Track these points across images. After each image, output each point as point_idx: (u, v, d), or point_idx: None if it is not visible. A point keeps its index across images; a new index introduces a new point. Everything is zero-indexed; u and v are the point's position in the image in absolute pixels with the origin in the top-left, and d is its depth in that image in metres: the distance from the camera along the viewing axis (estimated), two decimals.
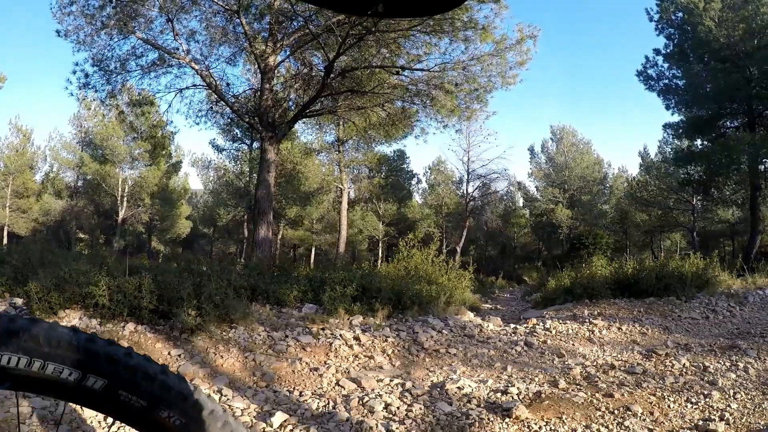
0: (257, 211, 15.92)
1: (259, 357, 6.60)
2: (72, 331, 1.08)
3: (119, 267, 8.91)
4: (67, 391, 1.06)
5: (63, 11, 15.77)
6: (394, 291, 10.30)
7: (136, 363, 1.11)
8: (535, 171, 48.14)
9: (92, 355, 1.06)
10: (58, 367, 1.02)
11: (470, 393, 5.48)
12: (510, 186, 47.50)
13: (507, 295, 22.34)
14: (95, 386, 1.06)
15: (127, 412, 1.11)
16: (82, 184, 45.50)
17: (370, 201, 43.35)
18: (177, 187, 47.59)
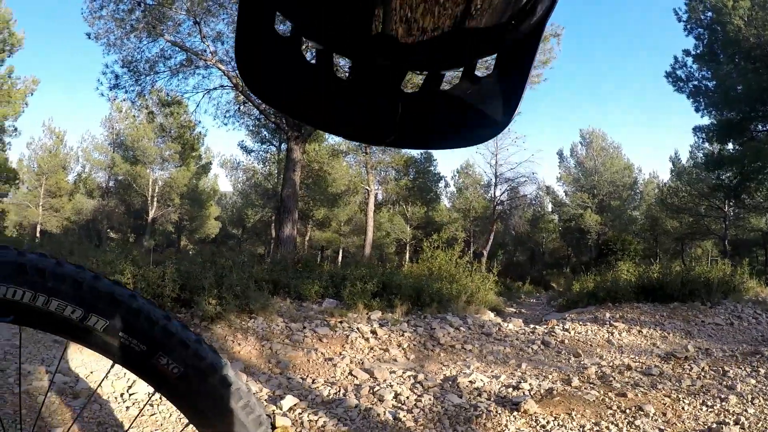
0: (282, 209, 16.06)
1: (275, 346, 6.69)
2: (78, 269, 1.09)
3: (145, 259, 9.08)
4: (69, 328, 1.07)
5: (93, 15, 16.07)
6: (414, 288, 10.35)
7: (140, 306, 1.11)
8: (564, 175, 47.52)
9: (96, 295, 1.07)
10: (61, 303, 1.03)
11: (481, 387, 5.50)
12: (538, 190, 47.08)
13: (533, 300, 22.18)
14: (97, 326, 1.07)
15: (126, 355, 1.12)
16: (114, 184, 46.17)
17: (398, 203, 43.30)
18: (206, 188, 48.02)
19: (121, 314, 1.08)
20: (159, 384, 1.15)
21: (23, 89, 30.42)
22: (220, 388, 1.16)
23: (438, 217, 44.54)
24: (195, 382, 1.14)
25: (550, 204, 51.20)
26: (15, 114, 30.62)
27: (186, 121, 24.33)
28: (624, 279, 13.71)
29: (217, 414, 1.16)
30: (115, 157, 42.91)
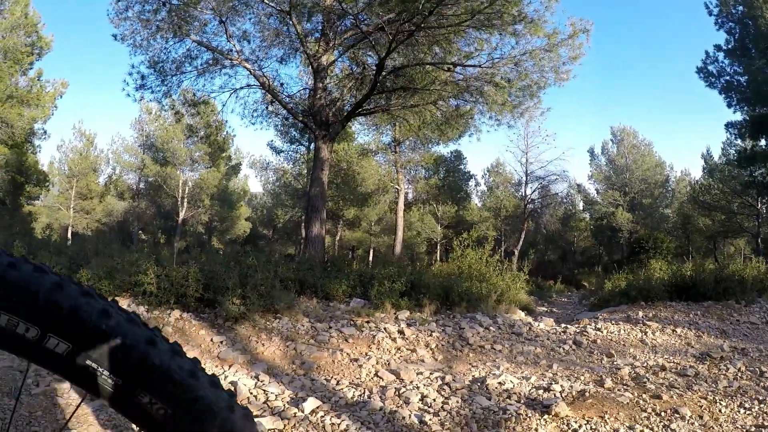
0: (311, 208, 16.04)
1: (300, 346, 6.62)
2: (37, 271, 0.85)
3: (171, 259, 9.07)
4: (27, 349, 0.84)
5: (119, 16, 16.16)
6: (442, 287, 10.24)
7: (112, 326, 0.87)
8: (595, 173, 47.03)
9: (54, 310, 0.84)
10: (12, 319, 0.82)
11: (511, 389, 5.37)
12: (569, 188, 46.66)
13: (564, 299, 21.98)
14: (57, 350, 0.84)
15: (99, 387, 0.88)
16: (144, 185, 46.62)
17: (428, 202, 43.18)
18: (236, 188, 48.35)
19: (87, 336, 0.85)
20: (143, 425, 0.93)
21: (52, 92, 30.76)
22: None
23: (469, 216, 44.33)
24: (187, 427, 0.92)
25: (581, 202, 50.81)
26: (45, 117, 30.97)
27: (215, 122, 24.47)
28: (657, 277, 13.50)
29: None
30: (146, 159, 43.36)
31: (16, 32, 28.18)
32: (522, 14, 13.22)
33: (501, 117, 17.47)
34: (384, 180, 36.10)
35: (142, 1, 15.68)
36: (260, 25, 17.04)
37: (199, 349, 6.31)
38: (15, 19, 27.81)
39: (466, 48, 15.58)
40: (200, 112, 19.61)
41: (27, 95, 29.02)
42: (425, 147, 34.97)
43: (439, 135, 22.00)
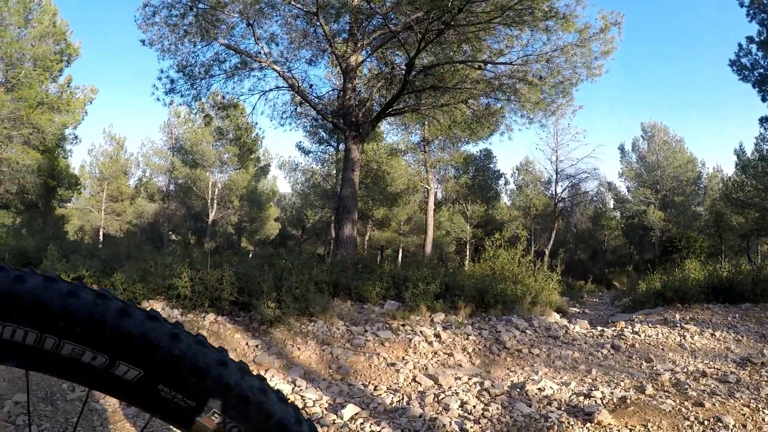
0: (342, 209, 16.04)
1: (336, 350, 6.58)
2: (100, 298, 0.81)
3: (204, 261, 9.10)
4: (93, 377, 0.81)
5: (147, 22, 16.29)
6: (477, 289, 10.18)
7: (184, 351, 0.84)
8: (625, 171, 46.28)
9: (124, 338, 0.80)
10: (77, 348, 0.78)
11: (551, 395, 5.29)
12: (600, 186, 46.24)
13: (596, 299, 21.77)
14: (127, 376, 0.81)
15: (169, 411, 0.86)
16: (174, 187, 47.05)
17: (457, 202, 43.04)
18: (265, 189, 48.62)
19: (158, 362, 0.82)
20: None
21: (82, 98, 31.27)
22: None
23: (498, 215, 44.09)
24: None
25: (612, 200, 50.34)
26: (75, 122, 31.48)
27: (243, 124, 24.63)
28: (693, 278, 13.31)
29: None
30: (175, 161, 43.80)
31: (45, 40, 28.69)
32: (553, 10, 13.10)
33: (533, 115, 17.34)
34: (413, 180, 36.04)
35: (168, 6, 15.79)
36: (288, 26, 17.08)
37: (235, 353, 6.29)
38: (43, 27, 28.35)
39: (496, 45, 15.51)
40: (229, 114, 19.72)
41: (57, 101, 29.54)
42: (455, 146, 34.90)
43: (469, 134, 21.89)
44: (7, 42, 26.97)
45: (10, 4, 27.38)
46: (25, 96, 27.39)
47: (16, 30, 27.80)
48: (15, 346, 0.76)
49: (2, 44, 26.88)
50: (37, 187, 31.82)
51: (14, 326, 0.75)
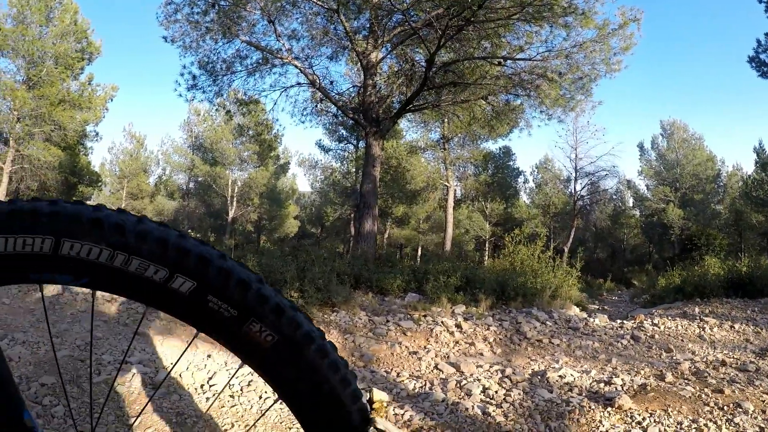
0: (363, 204, 16.13)
1: (359, 339, 6.69)
2: (162, 226, 0.97)
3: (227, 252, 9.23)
4: (151, 291, 0.95)
5: (169, 19, 16.47)
6: (498, 282, 10.25)
7: (231, 267, 0.98)
8: (645, 168, 45.89)
9: (183, 253, 0.95)
10: (143, 263, 0.92)
11: (572, 382, 5.35)
12: (619, 184, 46.04)
13: (615, 297, 21.76)
14: (182, 288, 0.94)
15: (214, 321, 0.99)
16: (194, 185, 47.40)
17: (477, 200, 43.00)
18: (285, 187, 48.77)
19: (210, 275, 0.96)
20: (248, 354, 1.03)
21: (103, 96, 31.60)
22: (316, 360, 1.04)
23: (517, 213, 43.92)
24: (289, 353, 1.03)
25: (631, 199, 50.03)
26: (96, 120, 31.83)
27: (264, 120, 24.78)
28: (712, 273, 13.31)
29: (312, 387, 1.05)
30: (195, 159, 44.08)
31: (67, 39, 29.05)
32: (572, 6, 13.12)
33: (552, 111, 17.36)
34: (433, 177, 36.03)
35: (190, 4, 15.94)
36: (308, 23, 17.21)
37: None
38: (65, 26, 28.72)
39: (515, 42, 15.54)
40: (250, 111, 19.86)
41: (78, 99, 29.88)
42: (474, 143, 34.92)
43: (488, 130, 21.92)
44: (29, 40, 27.33)
45: (32, 2, 27.72)
46: (46, 94, 27.73)
47: (38, 28, 28.19)
48: (88, 264, 0.90)
49: (24, 42, 27.24)
50: (58, 184, 32.18)
51: (91, 245, 0.89)
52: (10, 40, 26.91)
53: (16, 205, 0.90)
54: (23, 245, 0.88)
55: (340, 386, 1.06)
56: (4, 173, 28.46)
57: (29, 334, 5.46)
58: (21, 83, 28.09)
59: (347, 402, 1.06)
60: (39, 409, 3.73)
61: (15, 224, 0.88)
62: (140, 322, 1.23)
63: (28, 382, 4.14)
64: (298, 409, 1.09)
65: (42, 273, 0.91)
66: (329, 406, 1.07)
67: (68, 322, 6.21)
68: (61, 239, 0.89)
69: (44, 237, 0.88)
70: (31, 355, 4.79)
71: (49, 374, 4.30)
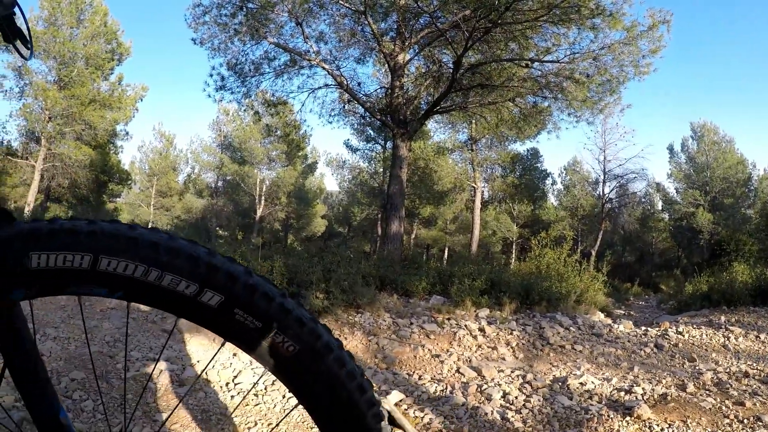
0: (389, 205, 16.19)
1: (382, 341, 6.75)
2: (192, 243, 1.05)
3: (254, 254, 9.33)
4: (181, 304, 1.03)
5: (197, 21, 16.68)
6: (522, 286, 10.25)
7: (256, 282, 1.06)
8: (674, 171, 45.20)
9: (212, 269, 1.02)
10: (175, 278, 1.00)
11: (592, 389, 5.36)
12: (648, 187, 45.52)
13: (641, 302, 21.56)
14: (211, 302, 1.02)
15: (240, 332, 1.07)
16: (222, 184, 47.84)
17: (504, 201, 42.84)
18: (313, 186, 49.03)
19: (237, 290, 1.04)
20: (271, 362, 1.11)
21: (133, 96, 32.11)
22: (335, 368, 1.12)
23: (545, 215, 43.67)
24: (309, 362, 1.11)
25: (660, 202, 49.38)
26: (126, 119, 32.38)
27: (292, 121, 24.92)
28: (740, 281, 13.17)
29: (330, 394, 1.13)
30: (224, 158, 44.53)
31: (97, 40, 29.66)
32: (600, 7, 13.06)
33: (580, 113, 17.28)
34: (460, 178, 35.99)
35: (218, 6, 16.12)
36: (336, 25, 17.31)
37: None
38: (95, 27, 29.35)
39: (543, 43, 15.51)
40: (278, 112, 19.99)
41: (109, 99, 30.45)
42: (502, 145, 34.86)
43: (516, 132, 21.89)
44: (60, 42, 27.87)
45: (63, 4, 28.24)
46: (77, 94, 28.28)
47: (69, 30, 28.78)
48: (124, 279, 0.99)
49: (55, 44, 27.79)
50: (89, 182, 32.72)
51: (127, 261, 0.98)
52: (41, 41, 27.49)
53: (57, 224, 0.98)
54: (63, 261, 0.96)
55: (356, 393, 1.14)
56: (36, 171, 29.01)
57: (60, 329, 5.60)
58: (52, 83, 28.67)
59: (363, 408, 1.14)
60: (69, 403, 3.85)
61: (55, 242, 0.96)
62: (174, 328, 1.32)
63: (59, 376, 4.26)
64: (316, 415, 1.17)
65: (80, 286, 1.00)
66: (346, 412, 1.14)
67: (98, 319, 6.36)
68: (99, 256, 0.97)
69: (83, 254, 0.96)
70: (61, 350, 4.93)
71: (78, 369, 4.42)
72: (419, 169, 33.15)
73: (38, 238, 0.97)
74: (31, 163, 29.87)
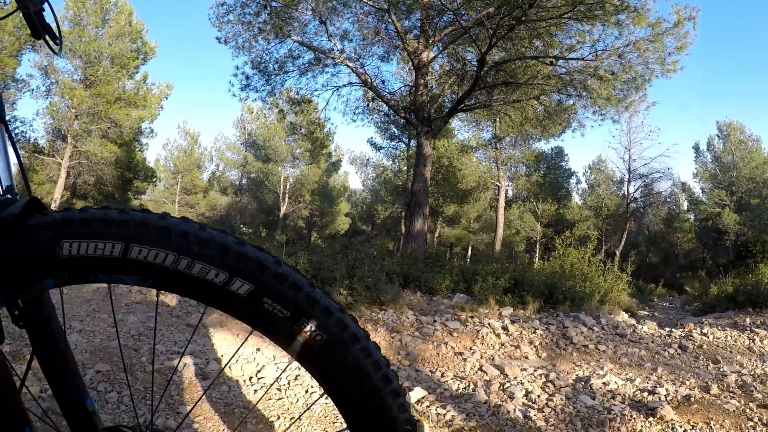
0: (413, 203, 16.23)
1: (405, 338, 6.77)
2: (222, 233, 1.08)
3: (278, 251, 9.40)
4: (211, 293, 1.05)
5: (221, 20, 16.85)
6: (546, 285, 10.23)
7: (285, 271, 1.08)
8: (700, 171, 44.47)
9: (242, 259, 1.05)
10: (205, 267, 1.02)
11: (615, 389, 5.34)
12: (673, 187, 45.08)
13: (666, 303, 21.35)
14: (240, 291, 1.04)
15: (268, 321, 1.09)
16: (246, 181, 48.25)
17: (528, 200, 42.63)
18: (336, 184, 49.16)
19: (266, 279, 1.06)
20: (299, 352, 1.13)
21: (158, 94, 32.60)
22: (361, 358, 1.13)
23: (569, 214, 43.36)
24: (336, 351, 1.12)
25: (685, 202, 48.82)
26: (151, 117, 32.86)
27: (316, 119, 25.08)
28: (766, 283, 13.03)
29: (356, 384, 1.14)
30: (248, 156, 44.88)
31: (122, 39, 30.17)
32: (624, 3, 12.96)
33: (605, 111, 17.18)
34: (484, 177, 35.89)
35: (242, 5, 16.22)
36: (360, 23, 17.35)
37: None
38: (120, 27, 29.91)
39: (567, 41, 15.47)
40: (303, 110, 20.08)
41: (134, 97, 30.93)
42: (526, 143, 34.73)
43: (541, 131, 21.85)
44: (85, 41, 28.35)
45: (88, 5, 28.66)
46: (103, 92, 28.74)
47: (94, 30, 29.27)
48: (154, 267, 1.01)
49: (81, 43, 28.27)
50: (115, 179, 33.20)
51: (158, 250, 1.00)
52: (67, 41, 27.94)
53: (88, 213, 1.01)
54: (94, 249, 0.99)
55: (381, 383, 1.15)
56: (63, 168, 29.47)
57: (86, 323, 5.71)
58: (79, 82, 29.17)
59: (388, 398, 1.15)
60: (94, 395, 3.91)
61: (87, 230, 0.99)
62: (200, 321, 1.36)
63: (84, 368, 4.33)
64: (342, 404, 1.18)
65: (111, 274, 1.02)
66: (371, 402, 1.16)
67: (123, 313, 6.47)
68: (130, 244, 0.99)
69: (114, 242, 0.99)
70: (87, 343, 5.02)
71: (104, 362, 4.50)
72: (443, 168, 33.10)
73: (70, 227, 0.99)
74: (58, 160, 30.34)
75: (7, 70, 26.26)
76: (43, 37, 1.53)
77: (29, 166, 31.32)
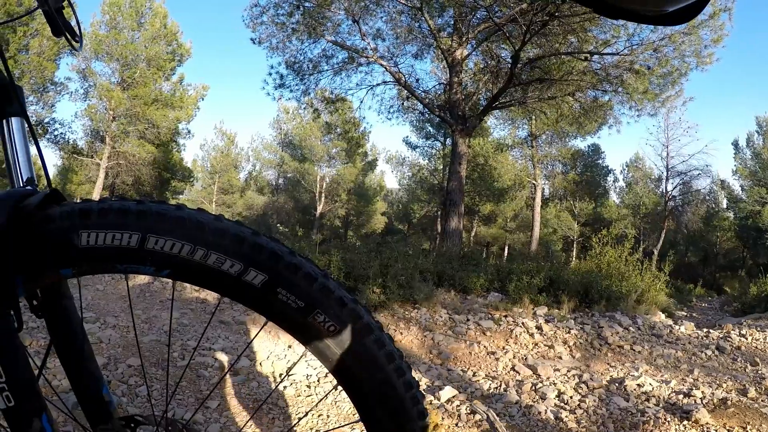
0: (449, 202, 16.24)
1: (437, 337, 6.76)
2: (237, 224, 1.09)
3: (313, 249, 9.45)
4: (226, 283, 1.06)
5: (255, 21, 17.03)
6: (582, 284, 10.14)
7: (299, 262, 1.09)
8: (739, 168, 42.91)
9: (256, 249, 1.05)
10: (220, 257, 1.03)
11: (650, 391, 5.26)
12: (713, 184, 44.26)
13: (705, 304, 21.02)
14: (255, 281, 1.05)
15: (282, 311, 1.09)
16: (283, 181, 48.67)
17: (565, 199, 42.33)
18: (373, 184, 49.27)
19: (280, 269, 1.07)
20: (312, 342, 1.14)
21: (194, 95, 33.04)
22: (374, 349, 1.14)
23: (606, 213, 42.76)
24: (349, 342, 1.13)
25: (725, 200, 47.89)
26: (188, 118, 33.35)
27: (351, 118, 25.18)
28: None
29: (368, 375, 1.15)
30: (284, 156, 45.28)
31: (157, 42, 30.72)
32: None
33: (641, 107, 16.98)
34: (520, 175, 35.73)
35: (276, 6, 16.35)
36: (393, 22, 17.38)
37: None
38: (155, 30, 30.50)
39: (602, 36, 15.30)
40: (337, 109, 20.18)
41: (171, 98, 31.44)
42: (562, 141, 34.51)
43: (577, 128, 21.70)
44: (122, 44, 28.98)
45: (124, 9, 29.20)
46: (140, 94, 29.32)
47: (130, 33, 29.91)
48: (171, 258, 1.02)
49: (117, 46, 28.91)
50: (152, 179, 33.80)
51: (174, 240, 1.02)
52: (104, 44, 28.65)
53: (106, 204, 1.03)
54: (112, 239, 1.01)
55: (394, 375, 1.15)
56: (101, 169, 30.08)
57: (120, 318, 5.80)
58: (116, 84, 29.80)
59: (401, 390, 1.15)
60: (124, 388, 3.98)
61: (104, 221, 1.01)
62: (215, 311, 1.38)
63: (117, 363, 4.41)
64: (354, 395, 1.19)
65: (128, 264, 1.04)
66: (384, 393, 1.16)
67: (157, 309, 6.56)
68: (147, 235, 1.01)
69: (132, 233, 1.01)
70: (120, 338, 5.10)
71: (135, 357, 4.57)
72: (479, 166, 33.04)
73: (88, 217, 1.01)
74: (96, 161, 30.96)
75: (46, 73, 26.86)
76: (63, 34, 1.55)
77: (69, 166, 31.95)
